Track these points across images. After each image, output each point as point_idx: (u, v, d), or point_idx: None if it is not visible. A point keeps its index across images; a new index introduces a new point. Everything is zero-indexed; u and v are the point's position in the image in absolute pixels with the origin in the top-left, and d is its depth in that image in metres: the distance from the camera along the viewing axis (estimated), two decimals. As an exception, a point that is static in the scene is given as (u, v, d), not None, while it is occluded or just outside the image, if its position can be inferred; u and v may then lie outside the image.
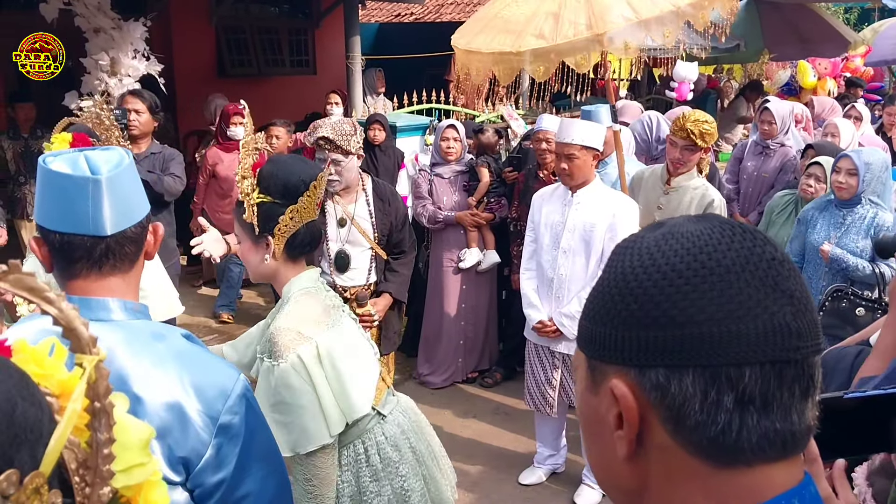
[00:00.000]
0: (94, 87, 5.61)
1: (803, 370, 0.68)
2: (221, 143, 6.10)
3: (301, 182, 2.01)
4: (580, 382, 0.77)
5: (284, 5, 10.22)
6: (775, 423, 0.67)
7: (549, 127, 4.98)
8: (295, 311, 2.03)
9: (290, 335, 1.97)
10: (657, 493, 0.72)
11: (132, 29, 5.72)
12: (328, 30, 9.89)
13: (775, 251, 0.69)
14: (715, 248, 0.68)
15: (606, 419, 0.72)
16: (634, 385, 0.69)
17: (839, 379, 2.16)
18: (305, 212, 2.03)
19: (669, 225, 0.73)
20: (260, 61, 9.63)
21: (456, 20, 11.41)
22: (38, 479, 0.58)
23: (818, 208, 4.03)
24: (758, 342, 0.66)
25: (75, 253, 1.36)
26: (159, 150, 4.59)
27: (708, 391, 0.66)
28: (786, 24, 9.36)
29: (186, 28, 8.47)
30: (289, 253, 2.06)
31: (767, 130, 5.56)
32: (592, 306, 0.75)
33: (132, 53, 5.73)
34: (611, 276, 0.73)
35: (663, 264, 0.69)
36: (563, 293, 3.68)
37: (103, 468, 0.66)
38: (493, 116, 7.60)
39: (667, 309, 0.67)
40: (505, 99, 8.17)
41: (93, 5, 5.59)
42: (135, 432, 0.78)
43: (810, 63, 10.13)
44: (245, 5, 9.58)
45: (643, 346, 0.68)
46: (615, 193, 3.72)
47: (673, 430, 0.68)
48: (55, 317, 0.66)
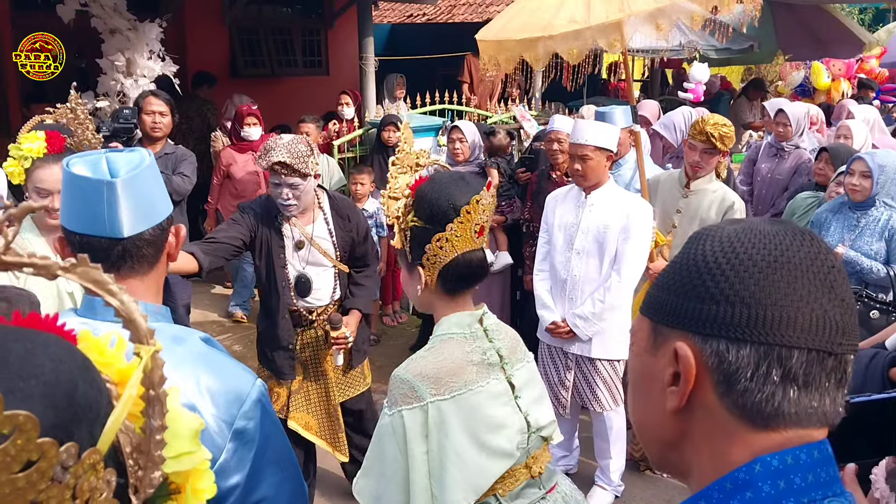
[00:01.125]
0: (110, 87, 5.66)
1: (840, 363, 0.78)
2: (235, 144, 6.13)
3: (450, 207, 1.73)
4: (638, 344, 0.89)
5: (297, 6, 10.26)
6: (812, 401, 0.77)
7: (562, 128, 4.97)
8: (425, 359, 1.73)
9: (402, 388, 1.69)
10: (695, 445, 0.83)
11: (148, 30, 5.76)
12: (341, 30, 9.92)
13: (835, 260, 0.80)
14: (787, 248, 0.79)
15: (660, 377, 0.83)
16: (696, 349, 0.80)
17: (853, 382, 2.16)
18: (458, 241, 1.74)
19: (748, 222, 0.84)
20: (273, 62, 9.67)
21: (468, 21, 11.41)
22: (95, 456, 0.62)
23: (832, 210, 4.02)
24: (809, 331, 0.76)
25: (94, 254, 1.36)
26: (172, 151, 4.58)
27: (760, 364, 0.77)
28: (800, 25, 9.32)
29: (200, 29, 8.52)
30: (444, 286, 1.79)
31: (782, 132, 5.54)
32: (667, 279, 0.86)
33: (147, 54, 5.77)
34: (690, 255, 0.84)
35: (741, 252, 0.79)
36: (576, 294, 3.68)
37: (155, 453, 0.70)
38: (505, 117, 7.60)
39: (739, 290, 0.78)
40: (517, 100, 8.19)
41: (109, 6, 5.64)
42: (186, 423, 0.82)
43: (824, 64, 10.08)
44: (258, 6, 9.62)
45: (711, 318, 0.79)
46: (629, 195, 3.71)
47: (723, 392, 0.79)
48: (117, 308, 0.70)
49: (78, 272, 0.67)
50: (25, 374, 0.61)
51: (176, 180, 4.45)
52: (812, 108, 6.66)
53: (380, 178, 5.99)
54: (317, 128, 6.15)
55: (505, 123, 7.42)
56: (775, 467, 0.77)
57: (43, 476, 0.57)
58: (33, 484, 0.56)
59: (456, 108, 7.43)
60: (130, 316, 0.70)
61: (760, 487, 0.77)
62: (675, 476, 0.90)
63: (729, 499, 0.78)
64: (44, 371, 0.62)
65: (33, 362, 0.62)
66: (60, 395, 0.62)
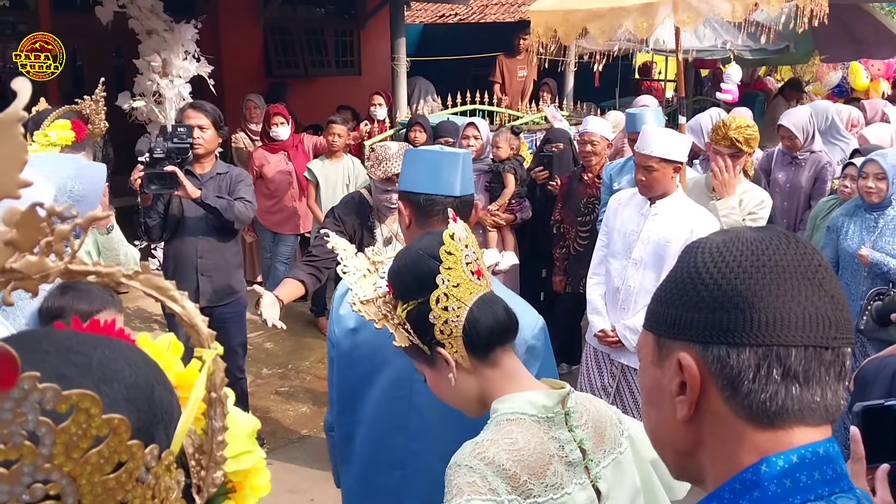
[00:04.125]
0: (147, 87, 5.75)
1: (838, 356, 0.81)
2: (266, 144, 6.19)
3: (428, 258, 1.44)
4: (645, 358, 0.91)
5: (330, 6, 10.33)
6: (814, 396, 0.80)
7: (595, 129, 4.95)
8: (495, 444, 1.35)
9: (469, 477, 1.32)
10: (708, 451, 0.85)
11: (183, 31, 5.85)
12: (373, 31, 9.97)
13: (821, 259, 0.83)
14: (774, 252, 0.82)
15: (668, 388, 0.86)
16: (698, 358, 0.83)
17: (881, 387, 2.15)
18: (459, 290, 1.42)
19: (735, 231, 0.88)
20: (306, 62, 9.75)
21: (500, 21, 11.39)
22: (171, 457, 0.64)
23: (847, 214, 3.97)
24: (804, 329, 0.79)
25: (434, 208, 1.94)
26: (226, 171, 4.15)
27: (760, 365, 0.79)
28: (837, 24, 9.16)
29: (234, 29, 8.61)
30: (477, 355, 1.44)
31: (790, 146, 5.25)
32: (664, 293, 0.88)
33: (183, 55, 5.86)
34: (682, 268, 0.87)
35: (731, 260, 0.83)
36: (629, 304, 3.54)
37: (217, 453, 0.72)
38: (536, 118, 7.58)
39: (732, 296, 0.81)
40: (549, 100, 8.17)
41: (146, 8, 5.73)
42: (243, 424, 0.84)
43: (863, 64, 9.91)
44: (292, 6, 9.71)
45: (709, 326, 0.82)
46: (696, 208, 3.52)
47: (728, 396, 0.81)
48: (179, 314, 0.71)
49: (141, 279, 0.68)
50: (108, 378, 0.63)
51: (238, 207, 4.01)
52: (853, 111, 6.45)
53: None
54: (347, 130, 6.19)
55: (536, 124, 7.40)
56: (781, 467, 0.79)
57: (131, 477, 0.59)
58: (122, 484, 0.59)
59: (487, 108, 7.43)
60: (192, 321, 0.72)
61: (767, 487, 0.79)
62: (692, 482, 0.92)
63: (738, 499, 0.81)
64: (124, 375, 0.64)
65: (114, 367, 0.64)
66: (141, 398, 0.64)
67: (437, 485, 1.44)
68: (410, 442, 1.97)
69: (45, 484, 0.55)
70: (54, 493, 0.55)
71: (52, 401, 0.54)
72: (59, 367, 0.61)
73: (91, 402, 0.56)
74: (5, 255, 0.60)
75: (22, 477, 0.54)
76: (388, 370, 1.97)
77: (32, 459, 0.54)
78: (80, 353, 0.63)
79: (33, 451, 0.54)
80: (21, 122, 0.58)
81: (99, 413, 0.56)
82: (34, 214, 0.60)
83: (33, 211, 0.60)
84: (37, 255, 0.61)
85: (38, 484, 0.55)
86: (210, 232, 4.06)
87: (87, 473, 0.57)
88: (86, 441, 0.56)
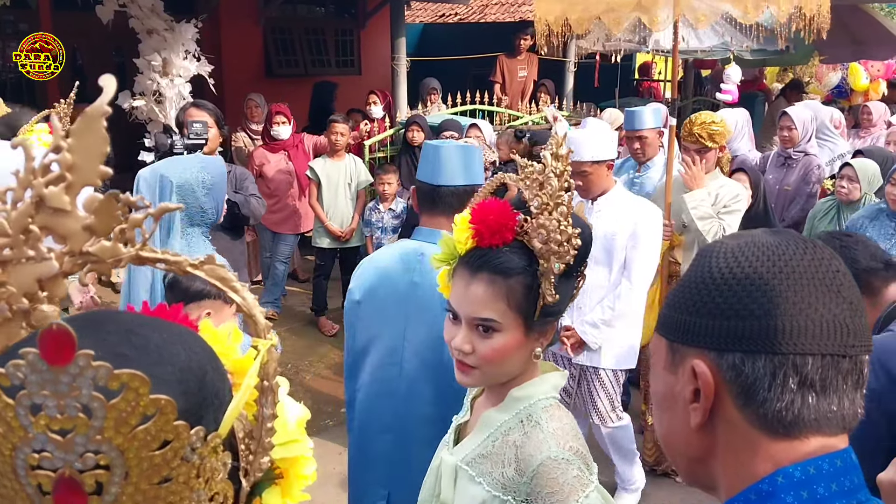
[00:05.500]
0: (147, 87, 5.75)
1: (856, 364, 0.79)
2: (267, 144, 6.20)
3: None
4: (657, 364, 0.90)
5: (331, 6, 10.34)
6: (831, 405, 0.78)
7: (593, 130, 4.97)
8: (562, 429, 1.39)
9: (572, 471, 1.34)
10: (721, 459, 0.84)
11: (184, 30, 5.85)
12: (374, 30, 9.97)
13: (840, 265, 0.82)
14: (791, 257, 0.80)
15: (682, 394, 0.84)
16: (713, 365, 0.81)
17: None
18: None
19: (749, 235, 0.86)
20: (307, 61, 9.75)
21: (500, 20, 11.40)
22: (217, 440, 0.67)
23: (868, 217, 3.94)
24: (821, 336, 0.78)
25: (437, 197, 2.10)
26: (230, 169, 4.13)
27: (776, 374, 0.78)
28: (838, 25, 9.15)
29: (235, 29, 8.61)
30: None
31: (788, 137, 5.27)
32: (677, 297, 0.87)
33: (184, 54, 5.86)
34: (696, 273, 0.85)
35: (746, 266, 0.81)
36: (584, 302, 3.58)
37: (266, 440, 0.75)
38: (537, 118, 7.58)
39: (748, 303, 0.79)
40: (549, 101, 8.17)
41: (147, 7, 5.73)
42: (293, 413, 0.87)
43: (862, 66, 9.92)
44: (292, 6, 9.71)
45: (724, 333, 0.80)
46: (637, 200, 3.64)
47: (742, 404, 0.80)
48: (239, 304, 0.74)
49: (206, 269, 0.72)
50: (164, 360, 0.66)
51: (254, 203, 4.16)
52: (835, 113, 6.46)
53: (407, 178, 6.01)
54: (349, 128, 6.19)
55: (536, 124, 7.41)
56: (798, 478, 0.78)
57: (176, 455, 0.62)
58: (167, 461, 0.62)
59: (487, 108, 7.44)
60: (251, 311, 0.74)
61: (783, 498, 0.78)
62: (704, 490, 0.91)
63: None
64: (179, 359, 0.67)
65: (170, 350, 0.67)
66: (193, 381, 0.67)
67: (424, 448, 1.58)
68: (398, 406, 2.11)
69: (96, 454, 0.59)
70: (104, 463, 0.60)
71: (104, 378, 0.58)
72: (117, 347, 0.64)
73: (140, 382, 0.59)
74: (83, 238, 0.65)
75: (76, 446, 0.59)
76: (383, 339, 2.13)
77: (85, 431, 0.59)
78: (140, 334, 0.67)
79: (86, 423, 0.58)
80: (105, 116, 0.64)
81: (147, 392, 0.59)
82: (112, 203, 0.65)
83: (111, 199, 0.65)
84: (111, 240, 0.66)
85: (89, 454, 0.59)
86: (220, 231, 4.07)
87: (134, 448, 0.60)
88: (134, 418, 0.60)
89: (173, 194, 2.64)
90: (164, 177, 2.66)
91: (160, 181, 2.66)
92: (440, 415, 1.92)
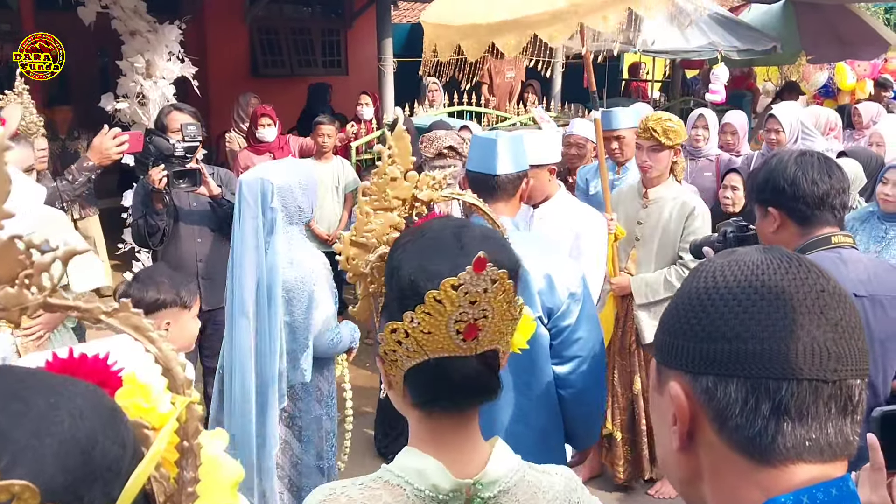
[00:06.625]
0: (130, 89, 5.69)
1: (840, 390, 0.75)
2: (252, 146, 6.14)
3: (411, 285, 1.09)
4: (651, 384, 0.89)
5: (317, 6, 10.29)
6: (810, 432, 0.75)
7: (580, 132, 4.95)
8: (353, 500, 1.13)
9: None
10: (708, 483, 0.82)
11: (167, 32, 5.79)
12: (360, 30, 9.93)
13: (826, 283, 0.78)
14: (770, 277, 0.78)
15: (666, 416, 0.83)
16: (688, 388, 0.80)
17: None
18: (426, 340, 1.07)
19: (738, 252, 0.83)
20: (293, 62, 9.70)
21: (488, 21, 11.35)
22: None
23: (859, 219, 3.88)
24: (796, 361, 0.74)
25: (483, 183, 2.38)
26: (211, 172, 4.08)
27: (748, 399, 0.75)
28: (824, 25, 9.19)
29: (221, 28, 8.56)
30: (416, 397, 1.16)
31: (775, 139, 5.13)
32: (664, 318, 0.86)
33: (167, 56, 5.80)
34: (682, 293, 0.84)
35: (723, 286, 0.79)
36: None
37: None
38: (524, 119, 7.57)
39: (720, 325, 0.77)
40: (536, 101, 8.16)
41: (129, 8, 5.67)
42: (227, 472, 0.81)
43: (849, 65, 9.95)
44: (279, 6, 9.66)
45: (698, 356, 0.79)
46: (580, 208, 3.46)
47: (718, 429, 0.78)
48: (155, 356, 0.69)
49: (119, 317, 0.67)
50: (42, 431, 0.60)
51: None
52: (831, 115, 6.41)
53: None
54: (336, 129, 6.15)
55: (524, 125, 7.39)
56: None
57: None
58: None
59: (474, 109, 7.41)
60: (168, 364, 0.70)
61: None
62: None
63: None
64: (62, 429, 0.61)
65: (52, 419, 0.61)
66: (75, 454, 0.61)
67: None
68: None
69: None
70: None
71: None
72: None
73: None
74: None
75: None
76: None
77: None
78: (23, 399, 0.61)
79: None
80: (6, 151, 0.59)
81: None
82: (12, 247, 0.60)
83: (11, 243, 0.60)
84: (16, 287, 0.62)
85: None
86: (207, 235, 4.03)
87: None
88: None
89: (275, 196, 2.76)
90: (266, 180, 2.78)
91: (262, 184, 2.78)
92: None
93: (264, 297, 2.76)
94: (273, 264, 2.76)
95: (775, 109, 5.29)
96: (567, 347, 2.24)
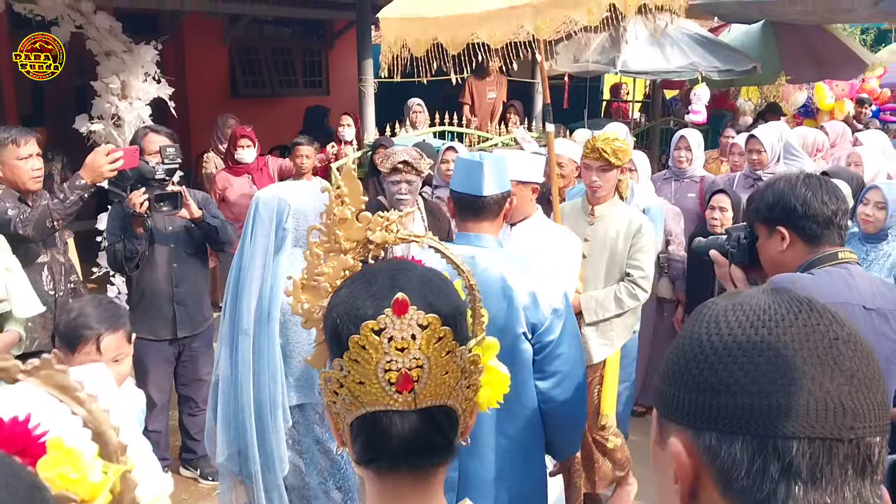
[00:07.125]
0: (105, 110, 5.59)
1: (858, 449, 0.68)
2: (230, 167, 6.06)
3: (340, 327, 0.99)
4: (653, 437, 0.82)
5: (298, 26, 10.25)
6: (824, 496, 0.67)
7: (562, 152, 4.91)
8: None
9: None
10: None
11: (143, 52, 5.71)
12: (341, 51, 9.90)
13: (840, 330, 0.70)
14: (777, 324, 0.70)
15: (667, 472, 0.76)
16: (690, 444, 0.73)
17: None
18: (360, 390, 0.97)
19: (744, 295, 0.76)
20: (273, 82, 9.65)
21: (469, 41, 11.37)
22: None
23: None
24: (808, 418, 0.67)
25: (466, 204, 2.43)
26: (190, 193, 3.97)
27: (755, 459, 0.68)
28: (802, 46, 9.27)
29: (200, 49, 8.49)
30: (360, 455, 1.04)
31: (757, 160, 5.12)
32: (666, 367, 0.78)
33: (143, 77, 5.71)
34: (683, 340, 0.77)
35: (726, 334, 0.72)
36: None
37: None
38: (506, 139, 7.53)
39: (723, 377, 0.70)
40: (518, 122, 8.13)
41: (104, 29, 5.58)
42: None
43: (827, 85, 10.03)
44: (259, 26, 9.61)
45: (699, 410, 0.71)
46: (555, 230, 3.42)
47: (723, 490, 0.70)
48: (84, 419, 0.63)
49: (41, 376, 0.61)
50: None
51: (229, 229, 3.97)
52: (818, 136, 6.40)
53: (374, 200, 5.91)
54: (314, 150, 6.08)
55: (506, 146, 7.35)
56: None
57: None
58: None
59: (456, 129, 7.37)
60: (99, 429, 0.63)
61: None
62: None
63: None
64: None
65: None
66: None
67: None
68: None
69: None
70: None
71: None
72: None
73: None
74: None
75: None
76: None
77: None
78: None
79: None
80: None
81: None
82: None
83: None
84: None
85: None
86: (183, 259, 3.96)
87: None
88: None
89: (290, 217, 2.76)
90: (283, 200, 2.79)
91: (279, 203, 2.78)
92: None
93: (264, 317, 2.72)
94: (275, 284, 2.71)
95: (757, 131, 5.27)
96: (550, 363, 2.31)
